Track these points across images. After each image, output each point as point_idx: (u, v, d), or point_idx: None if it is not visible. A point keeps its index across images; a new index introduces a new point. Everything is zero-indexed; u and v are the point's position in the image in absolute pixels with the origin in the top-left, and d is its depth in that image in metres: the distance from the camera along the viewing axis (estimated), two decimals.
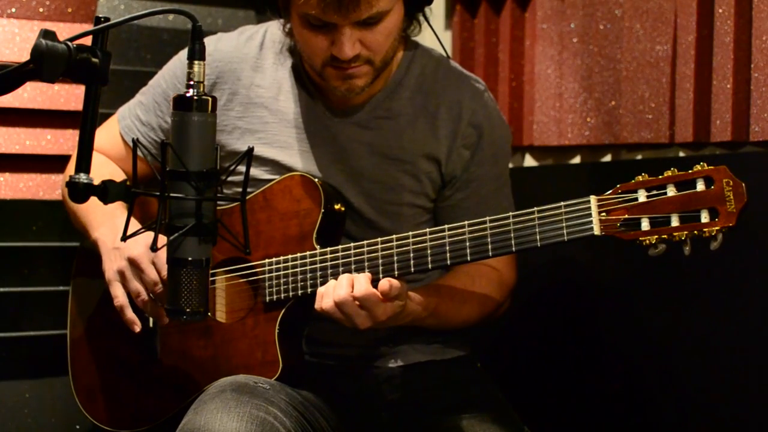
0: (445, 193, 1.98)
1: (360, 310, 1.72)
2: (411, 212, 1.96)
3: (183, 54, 2.01)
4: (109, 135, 2.05)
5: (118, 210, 1.92)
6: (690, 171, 1.56)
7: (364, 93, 1.89)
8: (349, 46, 1.75)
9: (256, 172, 1.94)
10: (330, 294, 1.74)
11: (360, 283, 1.72)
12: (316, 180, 1.89)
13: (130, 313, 1.90)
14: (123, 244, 1.84)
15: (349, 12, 1.71)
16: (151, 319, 2.00)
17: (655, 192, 1.58)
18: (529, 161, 2.52)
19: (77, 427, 2.43)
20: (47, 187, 2.43)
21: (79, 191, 1.30)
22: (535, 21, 2.45)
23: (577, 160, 2.40)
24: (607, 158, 2.32)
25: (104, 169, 2.03)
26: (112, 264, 1.90)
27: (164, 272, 1.83)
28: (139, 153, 1.96)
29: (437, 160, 1.94)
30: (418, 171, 1.94)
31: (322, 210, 1.87)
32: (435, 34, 1.99)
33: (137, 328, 1.91)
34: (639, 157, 2.23)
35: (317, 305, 1.76)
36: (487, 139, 1.96)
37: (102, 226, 1.93)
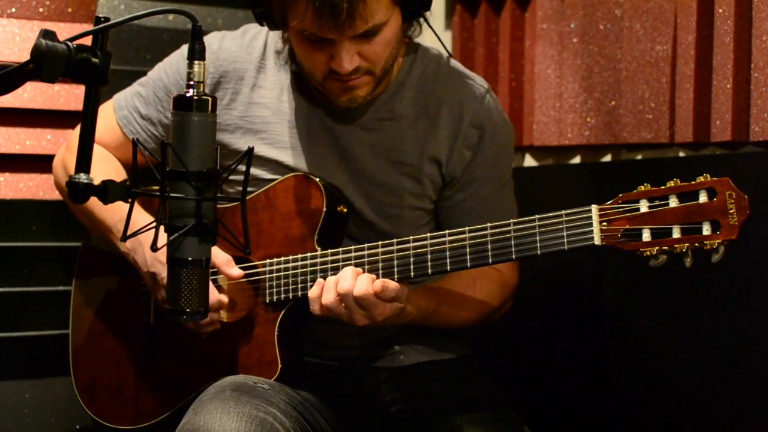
0: (445, 194, 1.97)
1: (358, 308, 1.72)
2: (412, 215, 1.96)
3: (185, 49, 2.01)
4: (105, 124, 2.04)
5: (140, 213, 1.90)
6: (692, 182, 1.55)
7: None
8: (348, 60, 1.75)
9: (258, 171, 1.94)
10: (331, 289, 1.73)
11: (362, 283, 1.72)
12: (319, 180, 1.89)
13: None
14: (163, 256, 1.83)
15: (345, 28, 1.70)
16: (152, 317, 2.01)
17: (657, 203, 1.57)
18: (529, 161, 2.52)
19: (77, 427, 2.44)
20: (47, 187, 2.43)
21: (79, 191, 1.30)
22: (535, 21, 2.45)
23: (577, 160, 2.40)
24: (607, 158, 2.32)
25: (104, 164, 2.02)
26: (162, 276, 1.88)
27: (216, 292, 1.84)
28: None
29: (438, 161, 1.94)
30: (419, 173, 1.94)
31: (324, 211, 1.86)
32: (436, 35, 1.99)
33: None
34: (639, 157, 2.23)
35: (315, 305, 1.76)
36: (488, 140, 1.95)
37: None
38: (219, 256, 1.85)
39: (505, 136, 2.01)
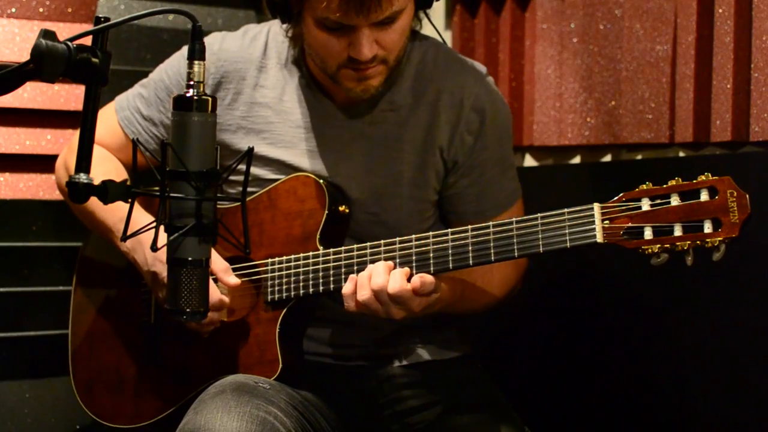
0: (449, 181, 1.96)
1: (394, 304, 1.72)
2: (416, 207, 1.96)
3: (186, 50, 2.01)
4: (107, 125, 2.04)
5: (141, 213, 1.90)
6: (694, 181, 1.56)
7: None
8: (368, 47, 1.76)
9: (261, 171, 1.94)
10: (366, 285, 1.73)
11: (395, 280, 1.71)
12: (321, 181, 1.89)
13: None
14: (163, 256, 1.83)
15: (371, 12, 1.71)
16: (152, 316, 2.01)
17: (658, 201, 1.58)
18: (529, 161, 2.52)
19: (77, 427, 2.44)
20: (47, 187, 2.43)
21: (79, 191, 1.30)
22: (535, 21, 2.45)
23: (577, 160, 2.40)
24: (607, 158, 2.32)
25: (105, 164, 2.02)
26: (163, 276, 1.88)
27: (217, 292, 1.84)
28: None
29: (440, 147, 1.94)
30: (421, 163, 1.94)
31: (326, 211, 1.87)
32: (437, 30, 1.99)
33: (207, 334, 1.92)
34: (639, 157, 2.23)
35: (351, 302, 1.74)
36: (490, 124, 1.94)
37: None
38: (217, 263, 1.85)
39: (506, 119, 2.00)
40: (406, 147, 1.93)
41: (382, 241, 1.78)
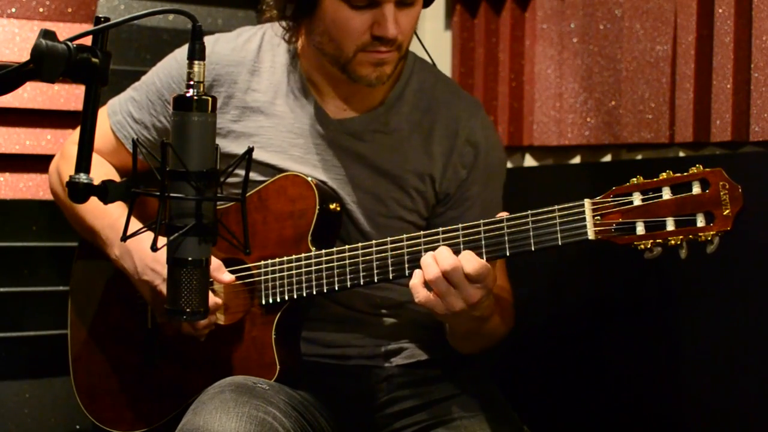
0: (437, 210, 1.96)
1: (472, 283, 1.66)
2: (402, 226, 1.94)
3: (178, 53, 2.00)
4: (99, 129, 2.01)
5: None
6: (685, 174, 1.54)
7: (363, 104, 1.89)
8: (393, 25, 1.76)
9: (251, 174, 1.92)
10: (433, 264, 1.67)
11: (469, 260, 1.65)
12: (310, 179, 1.88)
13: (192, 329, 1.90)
14: (158, 262, 1.81)
15: None
16: (149, 320, 2.01)
17: (650, 195, 1.56)
18: (529, 161, 2.52)
19: (77, 427, 2.44)
20: (47, 187, 2.43)
21: (79, 191, 1.30)
22: (535, 21, 2.45)
23: (577, 160, 2.40)
24: (607, 158, 2.32)
25: (98, 169, 2.01)
26: (155, 284, 1.87)
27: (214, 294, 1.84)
28: (131, 150, 1.95)
29: (431, 177, 1.93)
30: (410, 188, 1.93)
31: (317, 209, 1.86)
32: (418, 39, 1.98)
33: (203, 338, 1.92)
34: (639, 157, 2.23)
35: (420, 291, 1.68)
36: (483, 159, 1.95)
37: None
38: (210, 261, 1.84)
39: (500, 158, 2.00)
40: (395, 170, 1.92)
41: (373, 242, 1.77)
